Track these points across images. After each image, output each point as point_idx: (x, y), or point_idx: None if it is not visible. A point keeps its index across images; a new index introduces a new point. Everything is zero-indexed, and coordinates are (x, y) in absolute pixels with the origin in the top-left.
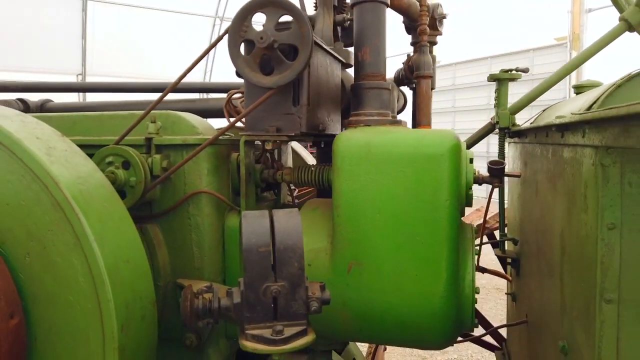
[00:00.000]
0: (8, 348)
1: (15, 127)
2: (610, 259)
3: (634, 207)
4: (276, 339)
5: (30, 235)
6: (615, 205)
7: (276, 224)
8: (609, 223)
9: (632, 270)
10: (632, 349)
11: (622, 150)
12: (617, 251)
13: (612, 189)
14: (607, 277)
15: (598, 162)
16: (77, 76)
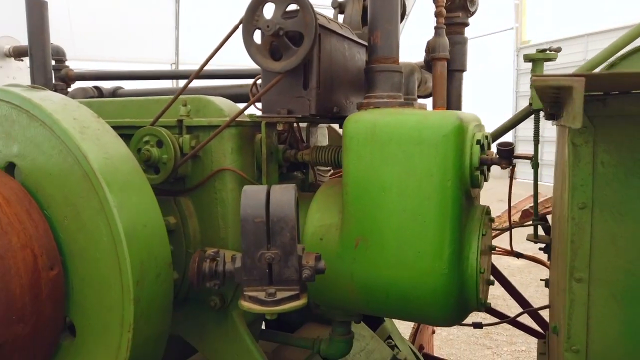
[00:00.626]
0: (48, 293)
1: (56, 109)
2: (581, 239)
3: (606, 187)
4: (268, 300)
5: (67, 201)
6: (586, 185)
7: (271, 198)
8: (580, 202)
9: (602, 249)
10: (602, 328)
11: (596, 130)
12: (588, 231)
13: (584, 168)
14: (577, 256)
15: (570, 141)
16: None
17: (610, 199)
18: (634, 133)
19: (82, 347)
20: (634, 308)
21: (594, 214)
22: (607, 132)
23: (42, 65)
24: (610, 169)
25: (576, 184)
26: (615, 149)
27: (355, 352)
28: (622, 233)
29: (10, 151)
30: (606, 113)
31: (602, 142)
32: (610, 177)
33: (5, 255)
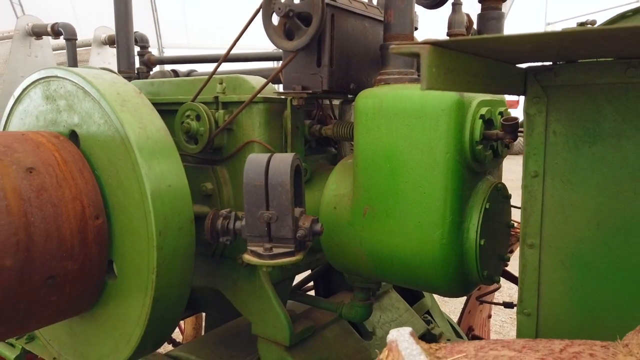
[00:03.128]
0: (93, 238)
1: (104, 86)
2: (532, 206)
3: (557, 155)
4: (265, 254)
5: (110, 163)
6: (538, 154)
7: (270, 164)
8: (533, 171)
9: (552, 217)
10: (551, 292)
11: (548, 100)
12: (539, 198)
13: (537, 137)
14: (529, 223)
15: (524, 111)
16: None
17: (561, 167)
18: (584, 102)
19: (122, 285)
20: (580, 274)
21: (546, 182)
22: (559, 102)
23: (126, 51)
24: (561, 138)
25: (529, 152)
26: (567, 118)
27: (387, 321)
28: (571, 201)
29: (72, 121)
30: (557, 83)
31: (554, 112)
32: (561, 146)
33: (58, 204)
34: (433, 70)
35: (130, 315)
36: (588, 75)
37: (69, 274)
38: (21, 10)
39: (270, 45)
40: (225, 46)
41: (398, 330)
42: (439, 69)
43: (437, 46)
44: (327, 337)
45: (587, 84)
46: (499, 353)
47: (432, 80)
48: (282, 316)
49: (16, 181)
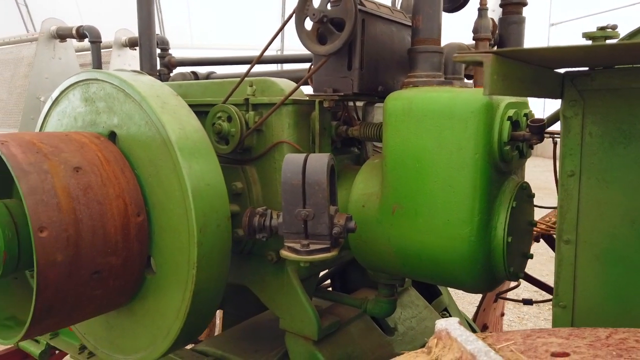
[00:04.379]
0: (135, 234)
1: (145, 89)
2: (569, 203)
3: (593, 156)
4: (302, 250)
5: (150, 162)
6: (575, 154)
7: (307, 164)
8: (569, 170)
9: (588, 214)
10: (586, 286)
11: (585, 103)
12: (575, 196)
13: (573, 138)
14: (565, 220)
15: (561, 113)
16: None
17: (597, 167)
18: (619, 105)
19: (161, 280)
20: (614, 269)
21: (582, 181)
22: (595, 105)
23: (149, 53)
24: (597, 139)
25: (566, 153)
26: (602, 121)
27: (407, 318)
28: (607, 199)
29: (112, 122)
30: (594, 87)
31: (590, 114)
32: (596, 147)
33: (103, 202)
34: (494, 77)
35: (169, 309)
36: (624, 80)
37: (112, 269)
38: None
39: (273, 47)
40: (229, 47)
41: (446, 320)
42: (499, 76)
43: (498, 55)
44: (352, 332)
45: (622, 88)
46: (547, 340)
47: (493, 86)
48: (310, 311)
49: (65, 180)
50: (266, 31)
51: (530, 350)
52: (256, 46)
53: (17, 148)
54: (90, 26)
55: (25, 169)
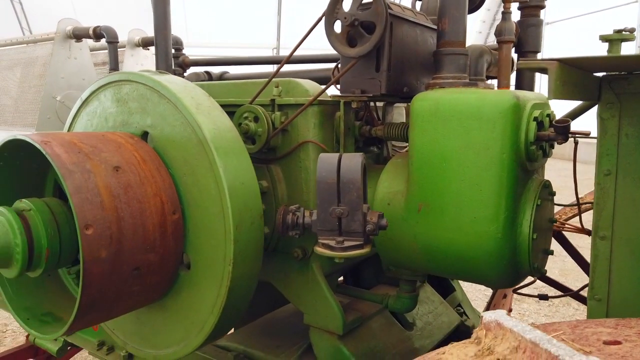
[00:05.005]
0: (171, 232)
1: (179, 90)
2: (605, 201)
3: (629, 156)
4: (337, 247)
5: (185, 162)
6: (611, 155)
7: (342, 163)
8: (605, 169)
9: (624, 211)
10: (621, 280)
11: (621, 105)
12: (612, 194)
13: (610, 139)
14: (601, 217)
15: (598, 115)
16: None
17: (633, 166)
18: None
19: (195, 277)
20: None
21: (618, 180)
22: (631, 107)
23: (165, 53)
24: (633, 140)
25: (602, 153)
26: (638, 122)
27: (424, 313)
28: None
29: (145, 122)
30: (631, 90)
31: (627, 116)
32: (632, 147)
33: (143, 200)
34: (558, 83)
35: (204, 304)
36: None
37: (151, 266)
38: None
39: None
40: (225, 45)
41: (494, 312)
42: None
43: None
44: (373, 327)
45: None
46: (596, 330)
47: (556, 91)
48: (335, 307)
49: (106, 179)
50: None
51: (582, 339)
52: (252, 44)
53: (60, 148)
54: (107, 26)
55: (69, 168)
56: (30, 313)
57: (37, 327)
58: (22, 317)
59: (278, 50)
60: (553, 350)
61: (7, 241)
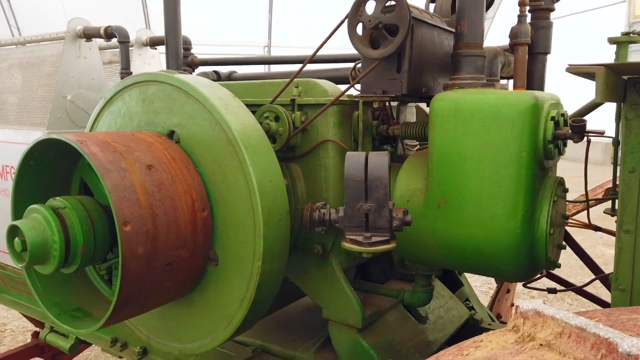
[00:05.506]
0: (201, 228)
1: (207, 91)
2: (629, 197)
3: None
4: (365, 242)
5: (213, 160)
6: (635, 153)
7: (369, 161)
8: (630, 167)
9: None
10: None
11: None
12: (636, 190)
13: (634, 138)
14: (625, 211)
15: (623, 115)
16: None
17: None
18: None
19: (223, 272)
20: None
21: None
22: None
23: (175, 53)
24: None
25: (627, 151)
26: None
27: (435, 307)
28: None
29: (172, 122)
30: None
31: None
32: None
33: (175, 197)
34: (604, 87)
35: (233, 299)
36: None
37: (182, 262)
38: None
39: None
40: (215, 43)
41: (531, 302)
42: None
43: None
44: (389, 321)
45: None
46: (630, 316)
47: (603, 94)
48: (354, 301)
49: (141, 177)
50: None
51: (618, 325)
52: (242, 42)
53: (96, 147)
54: (119, 26)
55: (106, 167)
56: (61, 309)
57: (69, 322)
58: (53, 313)
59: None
60: (602, 334)
61: (44, 238)
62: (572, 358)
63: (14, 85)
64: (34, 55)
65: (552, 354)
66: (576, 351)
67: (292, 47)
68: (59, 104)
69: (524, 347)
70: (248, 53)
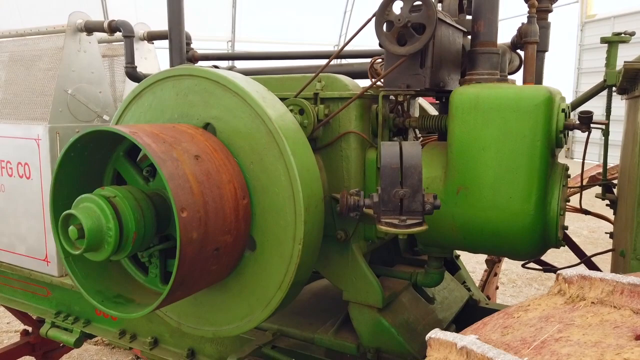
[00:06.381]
0: (242, 216)
1: (245, 85)
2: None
3: None
4: (400, 225)
5: (252, 151)
6: None
7: (403, 150)
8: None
9: None
10: None
11: None
12: None
13: None
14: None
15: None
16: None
17: None
18: None
19: (261, 257)
20: None
21: None
22: None
23: (179, 48)
24: None
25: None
26: None
27: (440, 289)
28: None
29: (208, 114)
30: None
31: None
32: None
33: (221, 186)
34: None
35: (271, 281)
36: None
37: (227, 247)
38: None
39: None
40: None
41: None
42: None
43: None
44: (403, 301)
45: None
46: None
47: None
48: (375, 283)
49: (191, 167)
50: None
51: None
52: (205, 37)
53: (148, 138)
54: (124, 21)
55: (161, 157)
56: (103, 296)
57: (114, 308)
58: (97, 300)
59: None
60: None
61: (99, 225)
62: (629, 309)
63: (11, 80)
64: (29, 48)
65: (607, 309)
66: (631, 304)
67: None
68: (61, 98)
69: (577, 306)
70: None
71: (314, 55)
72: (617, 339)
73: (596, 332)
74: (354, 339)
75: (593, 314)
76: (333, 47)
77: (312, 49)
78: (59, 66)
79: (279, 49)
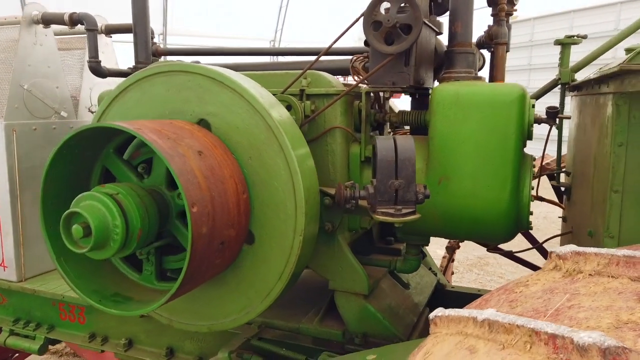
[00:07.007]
0: (243, 210)
1: (242, 81)
2: (618, 165)
3: (636, 132)
4: (396, 214)
5: (251, 146)
6: (623, 131)
7: (398, 143)
8: (619, 142)
9: (632, 172)
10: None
11: (630, 94)
12: (623, 160)
13: (623, 120)
14: (615, 176)
15: (614, 103)
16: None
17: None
18: None
19: (259, 249)
20: None
21: (628, 150)
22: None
23: (144, 42)
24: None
25: (617, 130)
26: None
27: (412, 276)
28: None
29: (203, 110)
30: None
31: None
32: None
33: (224, 181)
34: None
35: (271, 273)
36: None
37: (230, 241)
38: None
39: None
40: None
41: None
42: None
43: None
44: (384, 288)
45: None
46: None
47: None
48: (360, 271)
49: (196, 162)
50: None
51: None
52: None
53: (153, 135)
54: (86, 13)
55: (170, 153)
56: (100, 295)
57: (114, 307)
58: (94, 300)
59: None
60: None
61: (106, 223)
62: (627, 278)
63: None
64: None
65: (605, 279)
66: (629, 273)
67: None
68: (16, 93)
69: (576, 278)
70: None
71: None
72: (626, 302)
73: (604, 298)
74: (339, 326)
75: (594, 283)
76: (269, 43)
77: (248, 45)
78: (13, 60)
79: (214, 43)
